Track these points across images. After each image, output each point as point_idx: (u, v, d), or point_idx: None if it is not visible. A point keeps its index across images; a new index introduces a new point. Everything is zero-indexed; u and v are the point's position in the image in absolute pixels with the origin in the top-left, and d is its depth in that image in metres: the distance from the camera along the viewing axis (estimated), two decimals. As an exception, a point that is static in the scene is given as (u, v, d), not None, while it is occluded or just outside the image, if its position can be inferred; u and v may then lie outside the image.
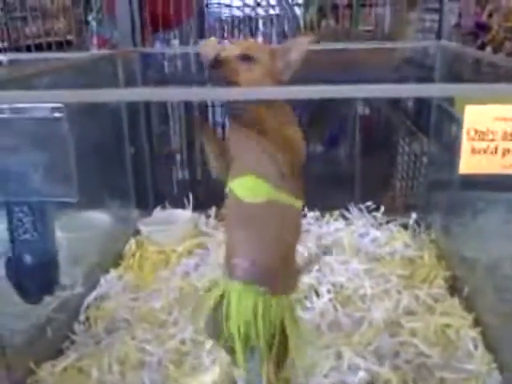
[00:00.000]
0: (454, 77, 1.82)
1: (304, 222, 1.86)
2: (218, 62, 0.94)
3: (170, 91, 0.93)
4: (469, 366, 1.25)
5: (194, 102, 2.64)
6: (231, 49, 0.97)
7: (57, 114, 0.93)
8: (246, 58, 0.96)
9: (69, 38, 3.03)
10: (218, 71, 0.93)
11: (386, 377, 1.21)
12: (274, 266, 1.00)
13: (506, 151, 0.86)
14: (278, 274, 1.01)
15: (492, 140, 0.86)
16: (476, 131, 0.85)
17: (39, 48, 2.57)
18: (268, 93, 0.91)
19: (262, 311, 0.96)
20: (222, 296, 1.00)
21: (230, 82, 0.93)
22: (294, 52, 0.99)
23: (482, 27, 4.01)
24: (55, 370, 1.26)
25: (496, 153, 0.86)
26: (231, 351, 1.03)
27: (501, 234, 1.50)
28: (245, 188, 0.99)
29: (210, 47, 1.02)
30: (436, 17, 2.12)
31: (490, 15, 4.09)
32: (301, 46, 1.00)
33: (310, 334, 1.22)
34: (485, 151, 0.86)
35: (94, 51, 2.50)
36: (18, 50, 2.60)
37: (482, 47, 3.83)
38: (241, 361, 0.99)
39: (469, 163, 0.87)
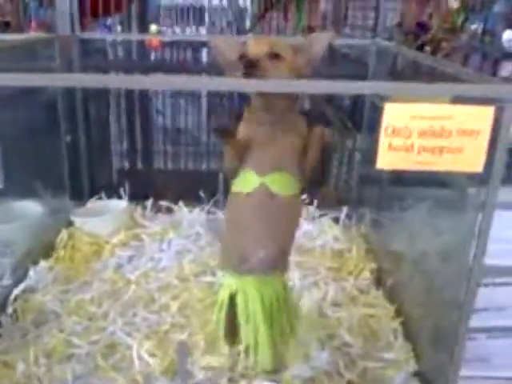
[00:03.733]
0: (385, 74, 1.88)
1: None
2: (248, 61, 0.96)
3: (196, 80, 0.92)
4: (388, 356, 1.32)
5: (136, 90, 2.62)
6: (257, 47, 0.99)
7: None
8: (274, 56, 0.99)
9: (7, 19, 2.93)
10: (251, 71, 0.95)
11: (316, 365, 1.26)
12: (288, 252, 1.14)
13: (421, 148, 0.92)
14: (287, 258, 1.15)
15: (408, 137, 0.91)
16: (394, 128, 0.90)
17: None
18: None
19: (282, 293, 1.10)
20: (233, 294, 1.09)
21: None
22: (316, 48, 1.04)
23: (423, 27, 4.14)
24: (-21, 363, 1.24)
25: (412, 150, 0.92)
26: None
27: (424, 229, 1.58)
28: (280, 184, 1.05)
29: (228, 45, 1.05)
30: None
31: (431, 16, 4.24)
32: (322, 41, 1.04)
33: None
34: (401, 148, 0.91)
35: (32, 34, 2.43)
36: None
37: (422, 47, 3.96)
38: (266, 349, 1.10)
39: (386, 159, 0.92)
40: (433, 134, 0.91)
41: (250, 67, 0.95)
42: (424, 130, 0.90)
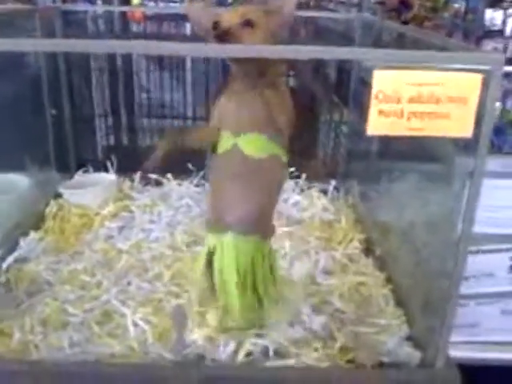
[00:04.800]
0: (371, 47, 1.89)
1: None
2: (224, 33, 0.96)
3: (172, 46, 0.89)
4: (380, 321, 1.35)
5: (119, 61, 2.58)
6: (230, 16, 1.00)
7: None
8: (247, 24, 0.99)
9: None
10: (223, 40, 0.96)
11: (309, 330, 1.28)
12: (268, 215, 1.14)
13: (411, 114, 0.93)
14: (268, 222, 1.16)
15: (398, 103, 0.92)
16: (384, 94, 0.91)
17: None
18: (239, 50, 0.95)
19: (261, 257, 1.10)
20: (211, 252, 1.11)
21: None
22: (286, 8, 1.03)
23: (405, 5, 4.15)
24: (-26, 332, 1.24)
25: (402, 116, 0.93)
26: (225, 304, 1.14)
27: (412, 199, 1.60)
28: (253, 144, 1.06)
29: (201, 13, 1.04)
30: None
31: (413, -7, 4.24)
32: (289, 1, 1.03)
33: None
34: (391, 114, 0.93)
35: (10, 5, 2.37)
36: None
37: (404, 24, 3.97)
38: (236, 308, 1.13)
39: (376, 125, 0.93)
40: (422, 100, 0.92)
41: (223, 35, 0.97)
42: (413, 96, 0.92)
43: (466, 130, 0.94)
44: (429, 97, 0.90)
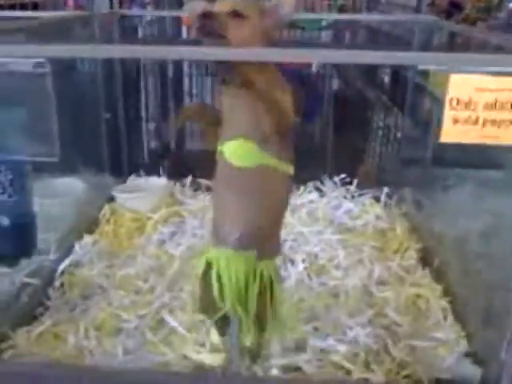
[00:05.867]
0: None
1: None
2: (207, 16, 0.91)
3: (157, 49, 0.89)
4: (438, 335, 1.30)
5: (170, 69, 2.61)
6: (221, 5, 0.95)
7: (40, 69, 0.91)
8: (236, 14, 0.93)
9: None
10: (207, 25, 0.91)
11: (363, 344, 1.24)
12: (264, 231, 1.02)
13: (486, 122, 0.88)
14: (266, 239, 1.03)
15: (473, 110, 0.88)
16: (458, 101, 0.87)
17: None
18: (257, 54, 0.90)
19: (253, 276, 0.99)
20: (209, 264, 1.01)
21: (219, 38, 0.91)
22: (284, 8, 0.98)
23: (456, 6, 4.04)
24: (31, 335, 1.25)
25: (477, 123, 0.88)
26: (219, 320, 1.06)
27: (469, 209, 1.55)
28: (235, 152, 0.97)
29: (198, 6, 1.00)
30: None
31: (463, -6, 4.13)
32: (289, 2, 0.98)
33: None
34: (466, 121, 0.88)
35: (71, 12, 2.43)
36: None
37: (455, 26, 3.87)
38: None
39: (450, 132, 0.89)
40: (498, 107, 0.88)
41: (204, 21, 0.91)
42: (489, 102, 0.87)
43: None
44: (505, 103, 0.85)
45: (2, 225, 1.27)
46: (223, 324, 1.08)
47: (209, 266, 1.02)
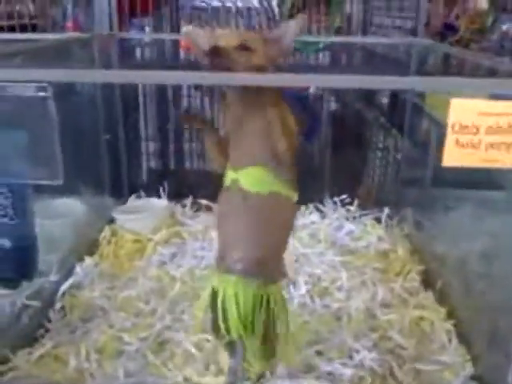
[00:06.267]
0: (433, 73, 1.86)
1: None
2: (217, 51, 0.93)
3: (162, 74, 0.90)
4: (443, 358, 1.29)
5: (169, 90, 2.63)
6: (228, 38, 0.96)
7: (42, 93, 0.91)
8: (244, 48, 0.95)
9: (34, 22, 2.93)
10: (216, 60, 0.92)
11: (367, 367, 1.23)
12: (271, 257, 1.02)
13: (488, 145, 0.88)
14: (274, 264, 1.03)
15: (475, 134, 0.88)
16: (460, 124, 0.87)
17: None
18: (258, 79, 0.91)
19: (260, 302, 0.97)
20: (215, 291, 1.00)
21: (229, 71, 0.91)
22: (287, 38, 0.99)
23: (451, 28, 4.09)
24: (31, 357, 1.24)
25: (479, 147, 0.89)
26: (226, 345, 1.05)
27: (471, 229, 1.54)
28: (253, 179, 0.98)
29: (202, 36, 1.01)
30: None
31: (458, 17, 4.18)
32: (292, 30, 0.99)
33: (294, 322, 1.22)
34: (468, 145, 0.89)
35: (71, 33, 2.44)
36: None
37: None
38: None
39: (452, 156, 0.89)
40: (500, 131, 0.88)
41: (217, 57, 0.92)
42: (491, 126, 0.87)
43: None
44: (507, 127, 0.86)
45: (3, 247, 1.26)
46: (233, 346, 1.06)
47: (215, 293, 1.00)
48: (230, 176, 1.01)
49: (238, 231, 1.00)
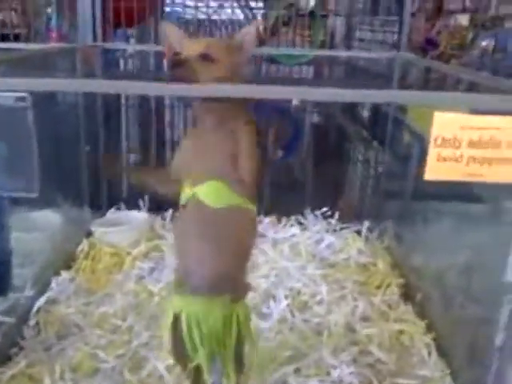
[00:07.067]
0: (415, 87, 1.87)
1: (260, 227, 1.85)
2: (178, 62, 0.93)
3: (136, 84, 0.89)
4: (423, 372, 1.28)
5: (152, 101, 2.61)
6: (190, 49, 0.96)
7: (22, 104, 0.90)
8: (206, 57, 0.95)
9: (17, 31, 2.90)
10: (178, 71, 0.92)
11: (346, 383, 1.22)
12: (236, 273, 1.00)
13: (470, 159, 0.88)
14: (238, 280, 1.01)
15: (458, 147, 0.88)
16: (443, 138, 0.87)
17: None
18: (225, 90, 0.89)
19: (230, 320, 0.95)
20: (177, 316, 0.96)
21: (190, 82, 0.90)
22: (246, 44, 1.00)
23: (432, 43, 4.14)
24: (3, 377, 1.20)
25: (461, 161, 0.88)
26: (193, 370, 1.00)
27: (450, 243, 1.55)
28: (210, 192, 0.96)
29: (175, 35, 1.01)
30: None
31: (439, 32, 4.24)
32: (250, 36, 1.00)
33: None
34: (450, 159, 0.88)
35: (54, 44, 2.42)
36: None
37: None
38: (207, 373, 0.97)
39: (434, 170, 0.88)
40: (482, 145, 0.88)
41: (175, 67, 0.93)
42: (473, 140, 0.87)
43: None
44: (489, 141, 0.86)
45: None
46: (197, 374, 1.01)
47: (178, 317, 0.96)
48: (186, 194, 0.98)
49: (200, 248, 0.97)
